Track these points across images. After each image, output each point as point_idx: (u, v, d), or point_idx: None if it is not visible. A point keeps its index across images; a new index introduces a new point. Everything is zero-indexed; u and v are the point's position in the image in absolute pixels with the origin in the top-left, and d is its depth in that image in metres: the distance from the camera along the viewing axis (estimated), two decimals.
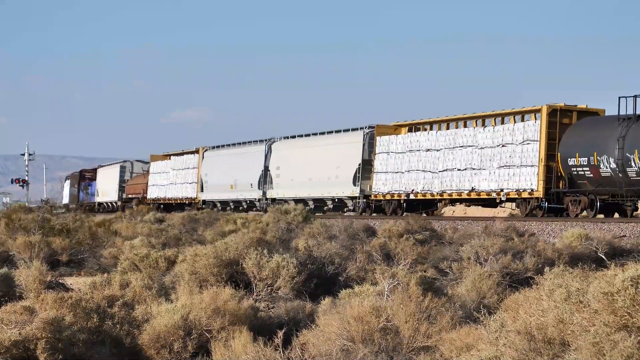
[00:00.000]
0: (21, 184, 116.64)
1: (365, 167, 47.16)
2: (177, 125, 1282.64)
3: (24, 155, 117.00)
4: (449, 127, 43.28)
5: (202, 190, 64.86)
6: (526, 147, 37.48)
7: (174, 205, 68.23)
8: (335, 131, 52.00)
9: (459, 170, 40.98)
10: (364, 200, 46.90)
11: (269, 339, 12.08)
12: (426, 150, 43.26)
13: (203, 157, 65.71)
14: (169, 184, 70.48)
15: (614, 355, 9.20)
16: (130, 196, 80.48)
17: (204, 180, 64.95)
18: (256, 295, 16.75)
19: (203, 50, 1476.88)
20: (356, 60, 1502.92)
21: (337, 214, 47.86)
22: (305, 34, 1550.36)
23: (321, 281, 17.76)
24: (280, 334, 11.97)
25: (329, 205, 50.70)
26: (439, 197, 42.55)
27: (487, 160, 39.42)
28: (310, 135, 54.92)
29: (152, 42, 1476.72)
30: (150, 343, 13.04)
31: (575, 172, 35.05)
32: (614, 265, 10.93)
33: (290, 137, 56.74)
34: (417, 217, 34.57)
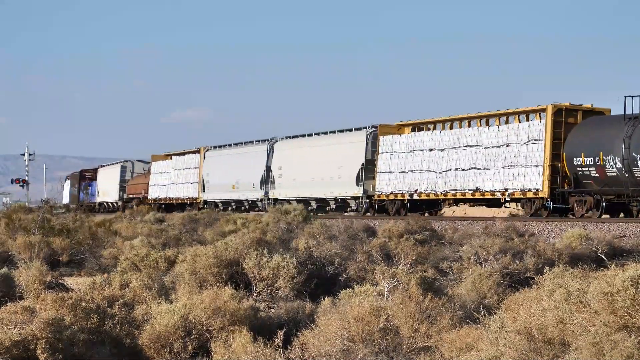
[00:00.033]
0: (21, 184, 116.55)
1: (369, 167, 46.97)
2: (177, 125, 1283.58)
3: (24, 155, 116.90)
4: (453, 127, 42.96)
5: (204, 190, 64.71)
6: (531, 147, 37.25)
7: (175, 205, 67.99)
8: (338, 131, 51.79)
9: (463, 170, 40.77)
10: (367, 200, 46.74)
11: (269, 339, 12.08)
12: (430, 150, 43.02)
13: (204, 157, 65.55)
14: (170, 184, 70.29)
15: (614, 355, 9.20)
16: (131, 196, 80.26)
17: (205, 180, 64.78)
18: (256, 295, 16.75)
19: (203, 50, 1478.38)
20: (356, 60, 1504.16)
21: (340, 214, 47.74)
22: (305, 34, 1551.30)
23: (321, 281, 17.75)
24: (280, 334, 11.97)
25: (331, 205, 50.53)
26: (443, 197, 42.32)
27: (492, 160, 39.20)
28: (312, 135, 54.71)
29: (152, 42, 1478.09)
30: (150, 343, 13.05)
31: (580, 172, 34.85)
32: (614, 266, 10.93)
33: (292, 137, 56.57)
34: (417, 217, 34.56)
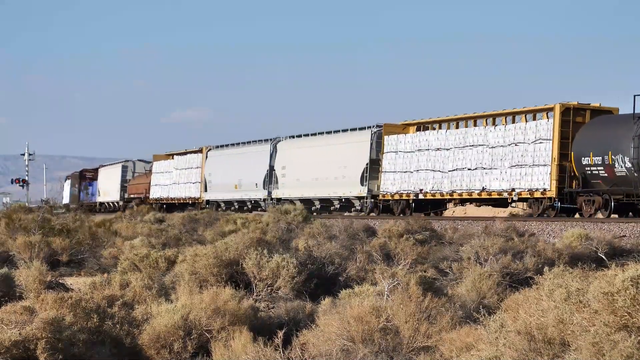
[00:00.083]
0: (21, 184, 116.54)
1: (373, 167, 46.58)
2: (177, 125, 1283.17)
3: (24, 155, 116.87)
4: (459, 126, 42.57)
5: (206, 190, 64.39)
6: (538, 146, 36.87)
7: (177, 205, 67.56)
8: (342, 130, 51.43)
9: (469, 169, 40.37)
10: (372, 200, 46.40)
11: (269, 339, 12.08)
12: (436, 150, 42.61)
13: (207, 157, 65.25)
14: (172, 184, 69.96)
15: (614, 355, 9.20)
16: (132, 196, 79.87)
17: (207, 180, 64.47)
18: (256, 295, 16.75)
19: (203, 50, 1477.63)
20: (357, 60, 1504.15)
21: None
22: (305, 34, 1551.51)
23: (321, 281, 17.76)
24: (280, 334, 11.97)
25: (335, 205, 50.19)
26: (449, 197, 41.92)
27: (498, 160, 38.82)
28: (316, 134, 54.34)
29: (152, 42, 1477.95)
30: (150, 343, 13.05)
31: (589, 172, 34.49)
32: (614, 266, 10.93)
33: (296, 137, 56.26)
34: (417, 217, 34.57)
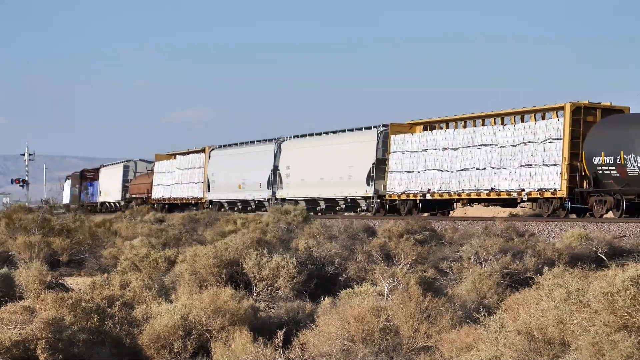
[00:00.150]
0: (21, 184, 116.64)
1: (379, 167, 46.12)
2: (177, 125, 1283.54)
3: (24, 155, 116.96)
4: (466, 126, 42.06)
5: (209, 190, 64.00)
6: (548, 146, 36.45)
7: (180, 206, 67.08)
8: (347, 130, 50.94)
9: (477, 169, 39.91)
10: (378, 200, 45.97)
11: (269, 339, 12.08)
12: (443, 149, 42.12)
13: (210, 157, 64.83)
14: (174, 184, 69.52)
15: (614, 355, 9.20)
16: (134, 196, 79.43)
17: (210, 180, 64.04)
18: (256, 295, 16.75)
19: (203, 50, 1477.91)
20: (357, 60, 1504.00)
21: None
22: (305, 34, 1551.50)
23: (321, 281, 17.75)
24: (280, 334, 11.97)
25: (341, 205, 49.78)
26: (457, 197, 41.45)
27: (508, 159, 38.37)
28: (321, 134, 53.87)
29: (152, 42, 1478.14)
30: (150, 343, 13.05)
31: (600, 172, 34.13)
32: (614, 266, 10.93)
33: (300, 136, 55.79)
34: (417, 217, 34.55)
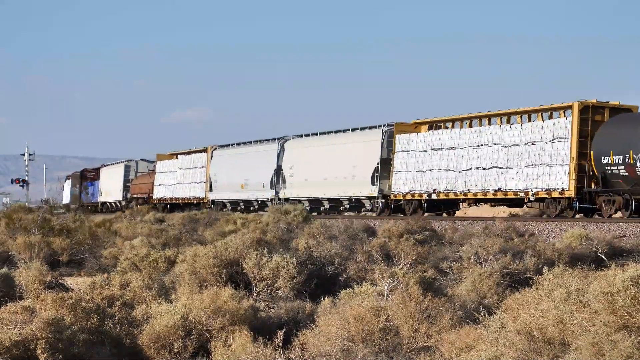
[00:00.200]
0: (21, 184, 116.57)
1: (384, 166, 45.88)
2: (177, 125, 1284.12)
3: (24, 155, 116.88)
4: (472, 125, 41.71)
5: (211, 190, 63.69)
6: (556, 145, 36.16)
7: (182, 205, 66.55)
8: (351, 129, 50.56)
9: (484, 169, 39.58)
10: (383, 200, 45.69)
11: (269, 339, 12.07)
12: (449, 149, 41.83)
13: (212, 156, 64.54)
14: (176, 184, 69.19)
15: (614, 355, 9.20)
16: (135, 196, 79.01)
17: (213, 180, 63.74)
18: (256, 295, 16.74)
19: (203, 50, 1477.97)
20: (357, 60, 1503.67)
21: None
22: (305, 34, 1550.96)
23: (321, 281, 17.75)
24: (280, 334, 11.96)
25: (345, 205, 49.45)
26: (463, 197, 41.14)
27: (515, 159, 38.08)
28: (325, 133, 53.48)
29: (152, 42, 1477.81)
30: (150, 343, 13.04)
31: (609, 171, 33.84)
32: (614, 265, 10.93)
33: (304, 136, 55.50)
34: (417, 217, 34.50)
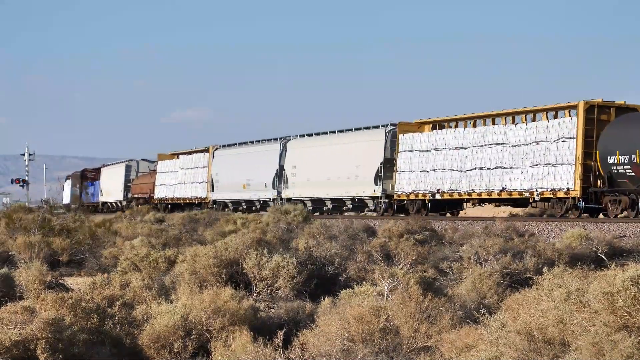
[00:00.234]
0: (21, 184, 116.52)
1: (387, 166, 45.71)
2: (177, 125, 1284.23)
3: (24, 155, 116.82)
4: (476, 125, 41.55)
5: (213, 190, 63.57)
6: (561, 145, 36.01)
7: (183, 205, 66.35)
8: (354, 129, 50.50)
9: (488, 169, 39.42)
10: (386, 200, 45.55)
11: (269, 339, 12.07)
12: (453, 149, 41.65)
13: (214, 156, 64.41)
14: (177, 184, 69.07)
15: (614, 355, 9.20)
16: (136, 196, 78.84)
17: (214, 180, 63.62)
18: (256, 295, 16.75)
19: (203, 50, 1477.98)
20: (357, 60, 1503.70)
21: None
22: (305, 34, 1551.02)
23: (321, 281, 17.75)
24: (280, 334, 11.96)
25: (348, 205, 49.34)
26: (467, 197, 40.95)
27: (519, 159, 37.94)
28: (327, 133, 53.38)
29: (152, 42, 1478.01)
30: (150, 343, 13.04)
31: (615, 171, 33.72)
32: (614, 265, 10.93)
33: (306, 136, 55.40)
34: (417, 217, 34.50)
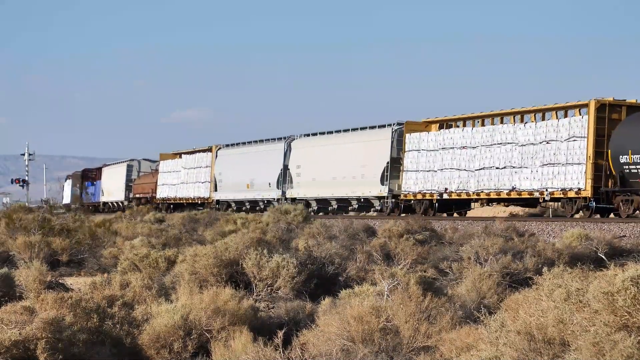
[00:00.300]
0: (21, 184, 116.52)
1: (394, 166, 45.35)
2: (177, 125, 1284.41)
3: (24, 155, 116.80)
4: (484, 124, 41.21)
5: (216, 190, 63.21)
6: (572, 144, 35.62)
7: (185, 205, 65.92)
8: (360, 128, 50.09)
9: (497, 168, 39.05)
10: (393, 200, 45.20)
11: (269, 339, 12.07)
12: (461, 148, 41.28)
13: (217, 156, 64.02)
14: (179, 183, 68.71)
15: (614, 355, 9.20)
16: (137, 196, 78.42)
17: (217, 180, 63.23)
18: (256, 295, 16.74)
19: (203, 50, 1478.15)
20: (357, 60, 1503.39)
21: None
22: (305, 34, 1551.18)
23: (321, 281, 17.75)
24: (280, 334, 11.95)
25: (353, 205, 49.01)
26: (475, 197, 40.60)
27: (529, 158, 37.56)
28: (333, 132, 53.01)
29: (152, 42, 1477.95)
30: (150, 343, 13.04)
31: (627, 170, 33.29)
32: (614, 265, 10.93)
33: (311, 135, 55.10)
34: (417, 217, 34.50)
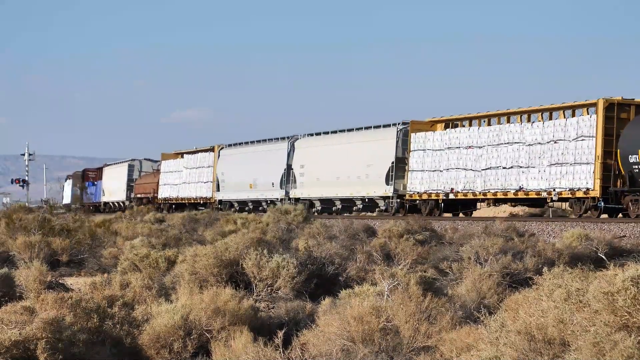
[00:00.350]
0: (21, 184, 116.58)
1: (399, 166, 45.23)
2: (178, 125, 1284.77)
3: (24, 155, 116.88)
4: (490, 123, 41.03)
5: (218, 190, 63.00)
6: (580, 144, 35.43)
7: (187, 206, 65.71)
8: (365, 128, 49.99)
9: (504, 168, 38.86)
10: (398, 200, 45.08)
11: (269, 339, 12.07)
12: (467, 147, 41.10)
13: (219, 156, 63.86)
14: (181, 183, 68.56)
15: (614, 355, 9.20)
16: (139, 196, 78.23)
17: (220, 180, 63.02)
18: (256, 295, 16.75)
19: (203, 50, 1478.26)
20: (357, 60, 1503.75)
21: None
22: (305, 34, 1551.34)
23: (321, 281, 17.75)
24: (280, 334, 11.96)
25: (358, 205, 48.84)
26: (482, 197, 40.38)
27: (536, 158, 37.35)
28: (337, 132, 52.88)
29: (152, 42, 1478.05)
30: (150, 343, 13.04)
31: (636, 170, 33.20)
32: (614, 265, 10.93)
33: (315, 135, 54.99)
34: (417, 217, 34.49)
